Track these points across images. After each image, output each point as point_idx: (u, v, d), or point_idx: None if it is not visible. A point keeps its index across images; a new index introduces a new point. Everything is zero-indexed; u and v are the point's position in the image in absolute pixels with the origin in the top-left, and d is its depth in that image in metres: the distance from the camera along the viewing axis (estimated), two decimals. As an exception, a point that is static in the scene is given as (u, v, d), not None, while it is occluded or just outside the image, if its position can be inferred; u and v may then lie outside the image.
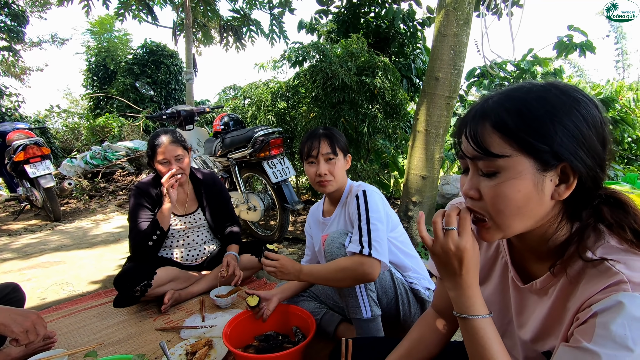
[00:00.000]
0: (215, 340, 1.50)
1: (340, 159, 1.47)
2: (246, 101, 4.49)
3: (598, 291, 0.57)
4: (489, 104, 0.63)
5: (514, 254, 0.76)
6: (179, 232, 2.08)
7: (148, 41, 10.24)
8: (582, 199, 0.62)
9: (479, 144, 0.61)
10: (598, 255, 0.60)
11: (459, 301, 0.70)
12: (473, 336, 0.68)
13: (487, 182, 0.62)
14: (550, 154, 0.58)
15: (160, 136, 1.92)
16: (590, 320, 0.56)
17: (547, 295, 0.68)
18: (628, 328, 0.52)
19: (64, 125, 9.96)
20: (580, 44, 4.59)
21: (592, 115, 0.59)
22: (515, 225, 0.63)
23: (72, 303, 2.01)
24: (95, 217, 4.38)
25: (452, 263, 0.68)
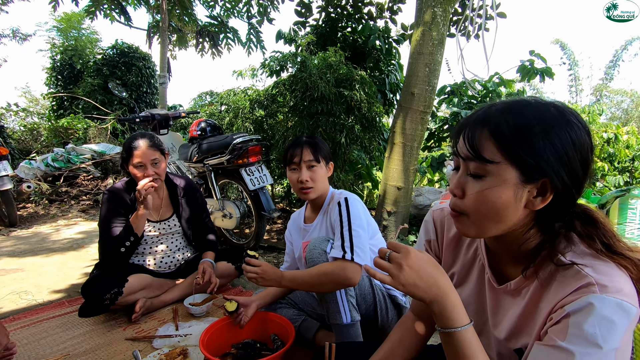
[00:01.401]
0: (191, 349, 1.46)
1: (322, 166, 1.50)
2: (223, 107, 4.45)
3: (569, 293, 0.62)
4: (492, 111, 0.67)
5: (490, 256, 0.80)
6: (153, 239, 2.02)
7: (119, 42, 9.93)
8: (554, 213, 0.67)
9: (473, 146, 0.66)
10: (568, 259, 0.64)
11: (440, 315, 0.69)
12: (457, 349, 0.67)
13: (473, 183, 0.67)
14: (535, 169, 0.62)
15: (137, 139, 1.87)
16: (564, 321, 0.60)
17: (521, 296, 0.72)
18: (598, 327, 0.57)
19: (22, 125, 9.38)
20: (541, 69, 4.95)
21: (581, 140, 0.63)
22: (490, 227, 0.68)
23: (32, 313, 1.88)
24: (57, 223, 4.14)
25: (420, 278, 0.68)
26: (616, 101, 17.57)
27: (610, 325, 0.57)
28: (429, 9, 2.41)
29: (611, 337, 0.57)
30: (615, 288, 0.59)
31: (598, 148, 6.27)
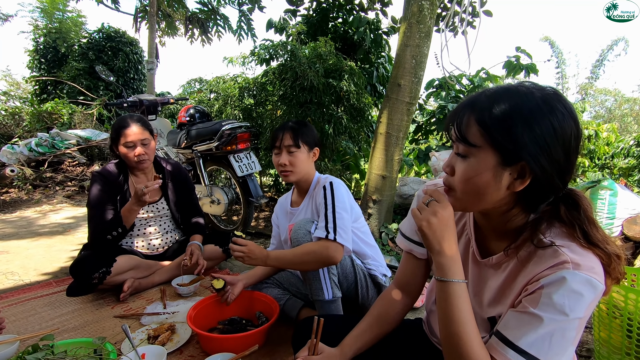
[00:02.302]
0: (178, 326, 1.51)
1: (303, 151, 1.55)
2: (212, 95, 4.44)
3: (545, 268, 0.69)
4: (481, 98, 0.72)
5: (477, 232, 0.87)
6: (141, 221, 2.05)
7: (106, 26, 9.69)
8: (536, 195, 0.73)
9: (460, 130, 0.72)
10: (548, 239, 0.71)
11: (442, 265, 0.76)
12: (449, 299, 0.74)
13: (460, 162, 0.73)
14: (513, 153, 0.68)
15: (127, 119, 1.89)
16: (538, 291, 0.67)
17: (501, 269, 0.80)
18: (567, 298, 0.64)
19: (3, 109, 9.12)
20: (526, 65, 5.06)
21: (563, 127, 0.67)
22: (473, 203, 0.75)
23: (19, 292, 1.90)
24: (42, 208, 4.10)
25: (440, 230, 0.75)
26: (600, 100, 18.00)
27: (578, 297, 0.64)
28: (416, 1, 2.46)
29: (577, 307, 0.64)
30: (587, 266, 0.66)
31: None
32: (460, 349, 0.71)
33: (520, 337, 0.68)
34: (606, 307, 1.28)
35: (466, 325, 0.72)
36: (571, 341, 0.67)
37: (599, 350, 1.34)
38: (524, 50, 4.98)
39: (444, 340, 0.76)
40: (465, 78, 5.64)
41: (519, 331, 0.68)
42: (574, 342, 0.67)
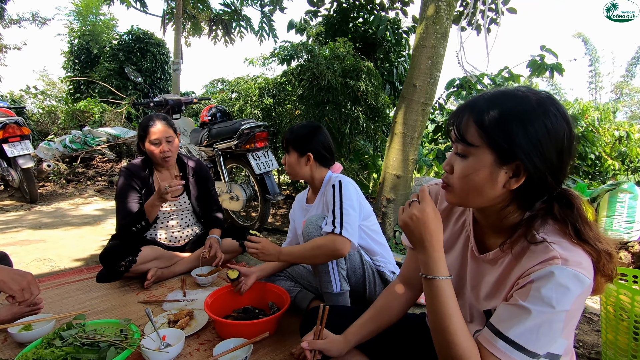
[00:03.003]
0: (196, 312, 1.62)
1: (292, 156, 1.66)
2: (233, 95, 4.58)
3: (536, 264, 0.72)
4: (480, 100, 0.77)
5: (476, 228, 0.91)
6: (164, 214, 2.18)
7: (135, 28, 10.09)
8: (531, 193, 0.77)
9: (460, 131, 0.77)
10: (540, 236, 0.74)
11: (426, 264, 0.81)
12: (435, 294, 0.79)
13: (459, 161, 0.78)
14: (508, 153, 0.72)
15: (153, 118, 2.02)
16: (528, 285, 0.71)
17: (497, 265, 0.83)
18: (554, 291, 0.68)
19: (40, 108, 9.68)
20: (551, 65, 4.92)
21: (556, 129, 0.71)
22: (470, 199, 0.79)
23: (55, 277, 2.07)
24: (74, 201, 4.37)
25: (419, 228, 0.81)
26: (637, 100, 17.12)
27: (565, 291, 0.68)
28: (432, 2, 2.47)
29: (564, 300, 0.68)
30: (575, 262, 0.69)
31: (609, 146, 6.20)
32: (448, 341, 0.76)
33: (509, 328, 0.71)
34: (613, 310, 1.28)
35: (452, 318, 0.77)
36: (559, 333, 0.70)
37: (606, 353, 1.34)
38: (549, 49, 4.84)
39: (433, 333, 0.81)
40: (487, 77, 5.55)
41: (509, 322, 0.72)
42: (563, 334, 0.71)
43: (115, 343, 1.24)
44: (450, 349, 0.76)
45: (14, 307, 1.54)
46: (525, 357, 0.70)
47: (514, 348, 0.70)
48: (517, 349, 0.70)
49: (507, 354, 0.71)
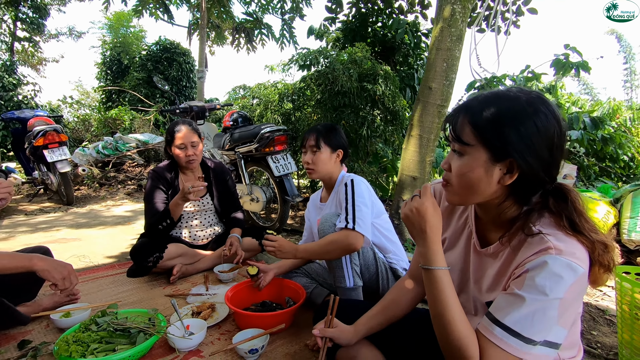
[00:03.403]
0: (218, 305, 1.71)
1: (324, 152, 1.70)
2: (254, 101, 4.73)
3: (531, 254, 0.76)
4: (474, 102, 0.82)
5: (478, 224, 0.95)
6: (189, 214, 2.30)
7: (162, 38, 10.56)
8: (525, 188, 0.81)
9: (456, 130, 0.82)
10: (536, 229, 0.77)
11: (425, 255, 0.85)
12: (433, 284, 0.83)
13: (456, 159, 0.83)
14: (501, 151, 0.77)
15: (179, 124, 2.16)
16: (523, 275, 0.75)
17: (498, 258, 0.87)
18: (548, 280, 0.71)
19: (75, 116, 10.28)
20: (577, 63, 4.78)
21: (546, 127, 0.75)
22: (468, 196, 0.84)
23: (89, 272, 2.23)
24: (106, 203, 4.62)
25: (418, 221, 0.85)
26: (677, 98, 16.19)
27: (558, 279, 0.71)
28: (447, 5, 2.50)
29: (557, 288, 0.71)
30: (568, 252, 0.73)
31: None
32: (446, 328, 0.80)
33: (505, 316, 0.75)
34: (629, 309, 1.27)
35: (450, 306, 0.81)
36: (554, 320, 0.73)
37: (622, 352, 1.32)
38: (574, 48, 4.72)
39: (433, 321, 0.85)
40: (509, 78, 5.46)
41: (505, 310, 0.76)
42: (559, 322, 0.73)
43: (144, 329, 1.36)
44: (448, 335, 0.79)
45: (55, 297, 1.69)
46: (521, 343, 0.73)
47: (510, 334, 0.74)
48: (513, 335, 0.73)
49: (503, 340, 0.74)
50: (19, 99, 8.73)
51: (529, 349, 0.73)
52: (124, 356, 1.24)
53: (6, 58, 10.52)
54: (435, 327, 0.84)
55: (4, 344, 1.42)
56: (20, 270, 1.27)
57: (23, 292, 1.63)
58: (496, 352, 0.75)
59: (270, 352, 1.40)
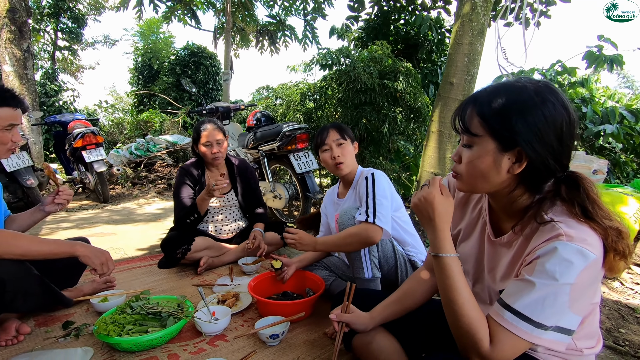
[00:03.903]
0: (241, 295, 1.79)
1: (349, 144, 1.75)
2: (278, 101, 4.84)
3: (542, 242, 0.76)
4: (482, 94, 0.84)
5: (492, 214, 0.97)
6: (214, 209, 2.41)
7: (190, 43, 10.94)
8: (535, 177, 0.82)
9: (464, 122, 0.84)
10: (548, 217, 0.78)
11: (433, 243, 0.88)
12: (442, 271, 0.85)
13: (465, 151, 0.85)
14: (509, 140, 0.78)
15: (205, 123, 2.27)
16: (534, 261, 0.76)
17: (512, 247, 0.88)
18: (558, 265, 0.72)
19: (110, 120, 10.85)
20: (611, 56, 4.55)
21: (554, 116, 0.76)
22: (478, 185, 0.85)
23: (124, 263, 2.39)
24: (138, 201, 4.87)
25: (426, 209, 0.88)
26: None
27: (568, 265, 0.72)
28: (468, 0, 2.48)
29: (567, 273, 0.72)
30: (580, 238, 0.74)
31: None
32: (456, 313, 0.82)
33: (516, 301, 0.77)
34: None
35: (459, 290, 0.82)
36: (565, 306, 0.73)
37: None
38: (608, 39, 4.51)
39: (444, 307, 0.86)
40: (538, 72, 5.28)
41: (516, 296, 0.77)
42: (572, 308, 0.74)
43: (174, 314, 1.45)
44: (458, 320, 0.81)
45: (94, 284, 1.84)
46: (531, 327, 0.74)
47: (520, 319, 0.75)
48: (523, 319, 0.75)
49: (513, 324, 0.76)
50: (59, 104, 9.32)
51: (540, 333, 0.74)
52: (156, 337, 1.33)
53: (48, 66, 11.27)
54: (447, 313, 0.86)
55: (50, 324, 1.56)
56: (64, 255, 1.39)
57: (67, 279, 1.77)
58: (506, 336, 0.76)
59: (291, 338, 1.46)
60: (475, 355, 0.79)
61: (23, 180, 3.69)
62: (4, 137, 1.39)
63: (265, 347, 1.40)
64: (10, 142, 1.42)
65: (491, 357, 0.77)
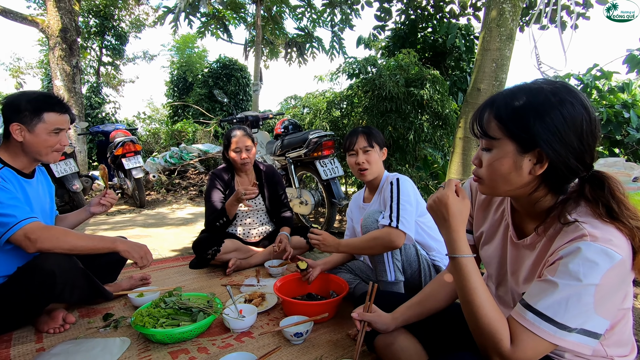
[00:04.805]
0: (267, 295, 1.85)
1: (376, 151, 1.76)
2: (305, 110, 4.95)
3: (566, 242, 0.75)
4: (498, 97, 0.85)
5: (514, 216, 0.96)
6: (243, 213, 2.50)
7: (222, 56, 11.41)
8: (557, 177, 0.81)
9: (482, 126, 0.85)
10: (572, 218, 0.77)
11: (449, 243, 0.87)
12: (459, 271, 0.84)
13: (485, 155, 0.86)
14: (528, 142, 0.78)
15: (235, 130, 2.38)
16: (556, 262, 0.75)
17: (535, 249, 0.88)
18: (581, 266, 0.71)
19: (147, 130, 11.45)
20: (654, 59, 4.32)
21: (573, 115, 0.75)
22: (500, 187, 0.85)
23: (158, 262, 2.52)
24: (172, 206, 5.10)
25: (441, 209, 0.88)
26: None
27: (592, 265, 0.70)
28: (496, 6, 2.47)
29: (592, 274, 0.70)
30: (604, 239, 0.72)
31: None
32: (475, 314, 0.81)
33: (538, 301, 0.75)
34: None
35: (477, 291, 0.82)
36: (590, 307, 0.72)
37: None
38: (652, 41, 4.28)
39: (463, 308, 0.86)
40: (574, 77, 5.08)
41: (538, 296, 0.76)
42: (598, 311, 0.72)
43: (204, 309, 1.53)
44: (477, 321, 0.80)
45: (132, 280, 1.96)
46: (554, 328, 0.73)
47: (542, 319, 0.74)
48: (545, 320, 0.73)
49: (535, 324, 0.74)
50: (102, 116, 9.96)
51: (563, 335, 0.72)
52: (186, 330, 1.41)
53: (93, 81, 12.12)
54: (466, 314, 0.85)
55: (92, 316, 1.68)
56: (107, 250, 1.51)
57: (108, 275, 1.90)
58: (528, 337, 0.75)
59: (314, 338, 1.49)
60: (496, 355, 0.78)
61: (69, 185, 3.98)
62: (50, 140, 1.52)
63: (289, 345, 1.43)
64: (58, 145, 1.55)
65: (512, 357, 0.76)
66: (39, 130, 1.48)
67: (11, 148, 1.52)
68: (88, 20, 11.35)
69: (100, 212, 1.83)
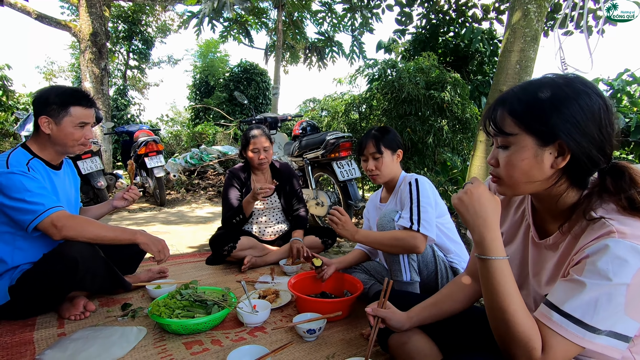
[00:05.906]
0: (281, 292, 1.85)
1: (387, 155, 1.72)
2: (323, 112, 4.97)
3: (592, 239, 0.72)
4: (510, 94, 0.82)
5: (535, 215, 0.93)
6: (258, 211, 2.52)
7: (243, 61, 11.62)
8: (580, 170, 0.78)
9: (496, 124, 0.82)
10: (598, 214, 0.74)
11: (481, 243, 0.80)
12: (491, 275, 0.77)
13: (502, 153, 0.82)
14: (547, 134, 0.76)
15: (253, 130, 2.41)
16: (583, 260, 0.71)
17: (558, 249, 0.84)
18: (610, 264, 0.67)
19: (169, 132, 11.76)
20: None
21: (590, 106, 0.73)
22: (520, 185, 0.82)
23: (176, 258, 2.57)
24: (191, 206, 5.20)
25: (473, 205, 0.82)
26: None
27: (622, 263, 0.66)
28: (520, 6, 2.41)
29: (622, 272, 0.66)
30: (633, 235, 0.69)
31: None
32: (507, 320, 0.75)
33: (565, 302, 0.71)
34: None
35: (510, 297, 0.76)
36: (620, 308, 0.68)
37: None
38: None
39: (489, 314, 0.81)
40: (603, 82, 4.90)
41: (564, 297, 0.72)
42: (628, 312, 0.68)
43: (218, 303, 1.54)
44: (509, 328, 0.75)
45: (150, 273, 2.00)
46: (582, 331, 0.69)
47: (570, 321, 0.70)
48: (573, 322, 0.70)
49: (562, 326, 0.71)
50: (127, 117, 10.29)
51: (592, 337, 0.69)
52: (201, 321, 1.43)
53: (120, 83, 12.57)
54: (494, 321, 0.80)
55: (111, 305, 1.73)
56: (127, 241, 1.55)
57: (127, 266, 1.95)
58: (558, 341, 0.71)
59: (327, 336, 1.48)
60: None
61: (94, 182, 4.13)
62: (76, 133, 1.58)
63: (302, 342, 1.43)
64: (83, 138, 1.61)
65: None
66: (66, 123, 1.54)
67: (40, 140, 1.59)
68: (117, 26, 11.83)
69: (123, 206, 1.89)
